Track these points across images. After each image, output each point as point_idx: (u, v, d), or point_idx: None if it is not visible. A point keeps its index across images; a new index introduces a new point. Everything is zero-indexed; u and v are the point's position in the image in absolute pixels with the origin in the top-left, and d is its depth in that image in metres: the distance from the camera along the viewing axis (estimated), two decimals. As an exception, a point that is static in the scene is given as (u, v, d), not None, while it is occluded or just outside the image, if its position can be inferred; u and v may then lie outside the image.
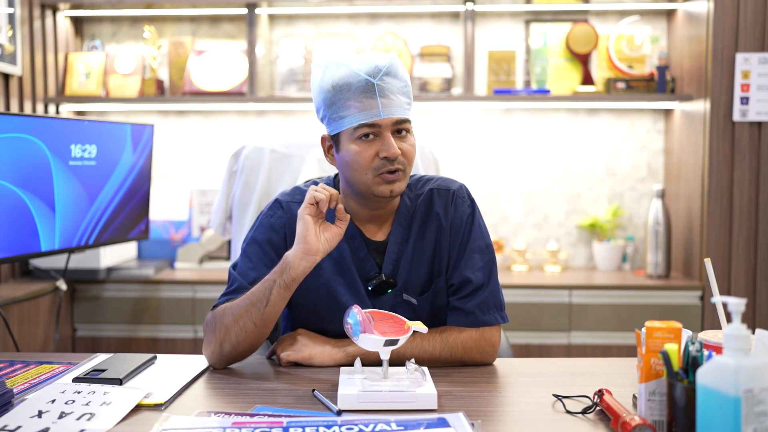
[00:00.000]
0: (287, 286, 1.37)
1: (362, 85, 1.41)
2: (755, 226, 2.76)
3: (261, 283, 1.40)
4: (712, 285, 1.23)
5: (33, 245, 2.15)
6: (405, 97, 1.45)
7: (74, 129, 2.30)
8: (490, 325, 1.49)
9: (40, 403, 1.20)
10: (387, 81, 1.42)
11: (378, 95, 1.41)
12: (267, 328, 1.41)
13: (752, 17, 2.72)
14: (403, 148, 1.43)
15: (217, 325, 1.43)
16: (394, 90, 1.43)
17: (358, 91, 1.41)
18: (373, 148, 1.42)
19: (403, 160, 1.43)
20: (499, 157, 3.27)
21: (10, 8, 2.75)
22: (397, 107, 1.43)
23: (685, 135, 2.98)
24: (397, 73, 1.44)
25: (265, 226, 1.54)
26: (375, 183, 1.44)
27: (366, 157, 1.42)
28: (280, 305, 1.39)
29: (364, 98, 1.41)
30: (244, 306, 1.40)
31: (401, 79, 1.45)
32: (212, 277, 2.90)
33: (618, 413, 1.11)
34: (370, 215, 1.53)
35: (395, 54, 1.48)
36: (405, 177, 1.46)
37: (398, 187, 1.45)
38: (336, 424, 1.10)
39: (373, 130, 1.42)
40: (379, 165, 1.42)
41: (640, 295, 2.81)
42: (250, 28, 3.05)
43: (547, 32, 3.17)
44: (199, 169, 3.33)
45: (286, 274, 1.37)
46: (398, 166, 1.43)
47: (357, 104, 1.41)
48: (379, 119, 1.41)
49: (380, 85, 1.41)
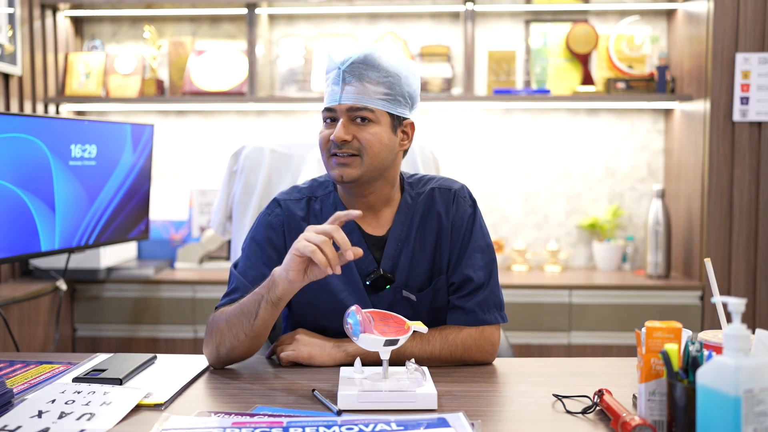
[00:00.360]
0: (274, 304, 1.36)
1: (333, 72, 1.48)
2: (755, 226, 2.76)
3: (252, 294, 1.39)
4: (712, 285, 1.23)
5: (33, 245, 2.15)
6: (383, 87, 1.46)
7: (74, 129, 2.30)
8: (490, 324, 1.50)
9: (40, 403, 1.20)
10: (357, 69, 1.45)
11: (342, 81, 1.46)
12: (258, 339, 1.41)
13: (752, 17, 2.72)
14: (359, 136, 1.46)
15: (214, 329, 1.43)
16: (365, 78, 1.45)
17: (331, 78, 1.49)
18: (330, 131, 1.48)
19: (357, 146, 1.46)
20: (499, 157, 3.27)
21: (10, 8, 2.75)
22: (360, 95, 1.45)
23: (685, 135, 2.98)
24: (373, 62, 1.45)
25: (264, 224, 1.54)
26: (330, 165, 1.49)
27: (323, 137, 1.49)
28: (270, 321, 1.38)
29: (333, 84, 1.48)
30: (236, 314, 1.40)
31: (379, 69, 1.46)
32: (212, 277, 2.90)
33: (618, 413, 1.11)
34: (363, 204, 1.54)
35: (388, 46, 1.51)
36: (361, 165, 1.47)
37: (347, 172, 1.46)
38: (336, 424, 1.10)
39: (331, 115, 1.48)
40: (330, 147, 1.47)
41: (640, 295, 2.81)
42: (250, 28, 3.05)
43: (547, 32, 3.17)
44: (199, 169, 3.33)
45: (272, 292, 1.35)
46: (346, 150, 1.46)
47: (328, 89, 1.49)
48: (335, 104, 1.46)
49: (345, 72, 1.45)
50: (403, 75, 1.48)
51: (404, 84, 1.49)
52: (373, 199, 1.54)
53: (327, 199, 1.57)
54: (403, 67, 1.49)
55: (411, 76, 1.51)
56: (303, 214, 1.55)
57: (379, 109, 1.46)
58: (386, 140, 1.48)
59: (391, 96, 1.47)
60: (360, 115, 1.45)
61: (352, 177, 1.46)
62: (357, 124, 1.46)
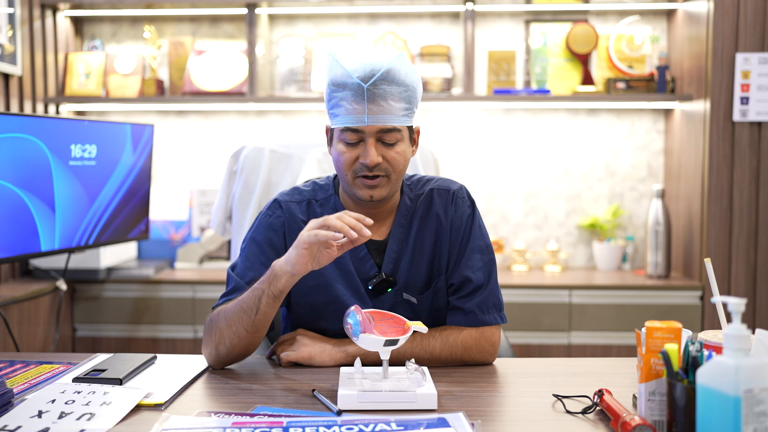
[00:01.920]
0: (275, 297, 1.36)
1: (354, 89, 1.40)
2: (755, 226, 2.76)
3: (251, 290, 1.39)
4: (712, 285, 1.23)
5: (33, 245, 2.15)
6: (403, 102, 1.43)
7: (74, 129, 2.30)
8: (490, 324, 1.50)
9: (40, 403, 1.20)
10: (381, 87, 1.39)
11: (366, 101, 1.39)
12: (259, 333, 1.41)
13: (752, 17, 2.72)
14: (387, 156, 1.43)
15: (213, 328, 1.43)
16: (389, 96, 1.40)
17: (350, 94, 1.40)
18: (356, 152, 1.43)
19: (386, 167, 1.43)
20: (499, 157, 3.27)
21: (10, 8, 2.75)
22: (387, 114, 1.40)
23: (685, 135, 2.98)
24: (395, 78, 1.40)
25: (264, 225, 1.54)
26: (355, 186, 1.45)
27: (347, 159, 1.44)
28: (271, 314, 1.39)
29: (354, 102, 1.40)
30: (235, 312, 1.40)
31: (400, 84, 1.41)
32: (212, 277, 2.90)
33: (618, 413, 1.11)
34: (367, 214, 1.52)
35: (401, 55, 1.43)
36: (388, 183, 1.45)
37: (378, 193, 1.45)
38: (336, 424, 1.10)
39: (357, 136, 1.42)
40: (358, 169, 1.43)
41: (640, 295, 2.81)
42: (250, 28, 3.05)
43: (547, 32, 3.17)
44: (199, 169, 3.33)
45: (274, 286, 1.36)
46: (377, 173, 1.43)
47: (347, 106, 1.41)
48: (363, 125, 1.40)
49: (371, 90, 1.39)
50: (417, 86, 1.47)
51: (418, 95, 1.47)
52: (379, 210, 1.53)
53: (327, 202, 1.56)
54: (417, 78, 1.46)
55: (420, 85, 1.49)
56: (304, 217, 1.54)
57: (403, 126, 1.45)
58: (408, 155, 1.48)
59: (410, 109, 1.46)
60: (388, 135, 1.42)
61: (382, 196, 1.46)
62: (383, 144, 1.43)
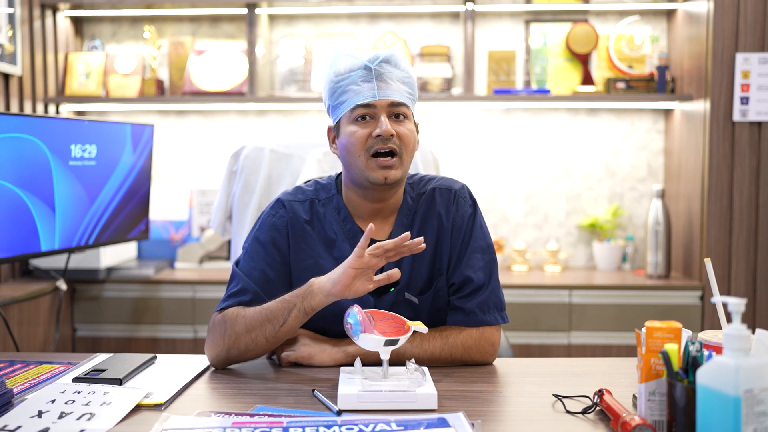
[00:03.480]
0: (306, 312, 1.38)
1: (361, 71, 1.46)
2: (755, 226, 2.76)
3: (280, 301, 1.40)
4: (712, 285, 1.23)
5: (33, 245, 2.15)
6: (406, 86, 1.49)
7: (74, 129, 2.30)
8: (491, 324, 1.49)
9: (40, 403, 1.20)
10: (385, 67, 1.46)
11: (375, 79, 1.45)
12: (278, 343, 1.43)
13: (752, 17, 2.72)
14: (399, 131, 1.45)
15: (227, 331, 1.43)
16: (393, 77, 1.46)
17: (357, 77, 1.45)
18: (368, 129, 1.45)
19: (398, 142, 1.45)
20: (499, 157, 3.27)
21: (10, 8, 2.75)
22: (395, 91, 1.46)
23: (685, 135, 2.98)
24: (397, 63, 1.48)
25: (268, 225, 1.53)
26: (369, 168, 1.45)
27: (360, 136, 1.45)
28: (296, 328, 1.41)
29: (363, 82, 1.45)
30: (258, 320, 1.40)
31: (402, 70, 1.48)
32: (212, 277, 2.90)
33: (618, 413, 1.11)
34: (372, 210, 1.53)
35: (399, 48, 1.52)
36: (401, 165, 1.46)
37: (392, 174, 1.45)
38: (336, 424, 1.10)
39: (369, 111, 1.45)
40: (372, 144, 1.44)
41: (640, 295, 2.81)
42: (250, 28, 3.05)
43: (547, 32, 3.17)
44: (199, 169, 3.33)
45: (307, 302, 1.37)
46: (392, 146, 1.44)
47: (355, 87, 1.45)
48: (375, 100, 1.44)
49: (377, 69, 1.46)
50: (415, 78, 1.53)
51: (416, 87, 1.53)
52: (384, 205, 1.53)
53: (330, 202, 1.55)
54: (414, 72, 1.53)
55: (416, 80, 1.55)
56: (307, 216, 1.54)
57: (409, 107, 1.49)
58: (416, 137, 1.51)
59: (412, 95, 1.51)
60: (398, 110, 1.46)
61: (396, 177, 1.46)
62: (393, 120, 1.46)
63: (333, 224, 1.53)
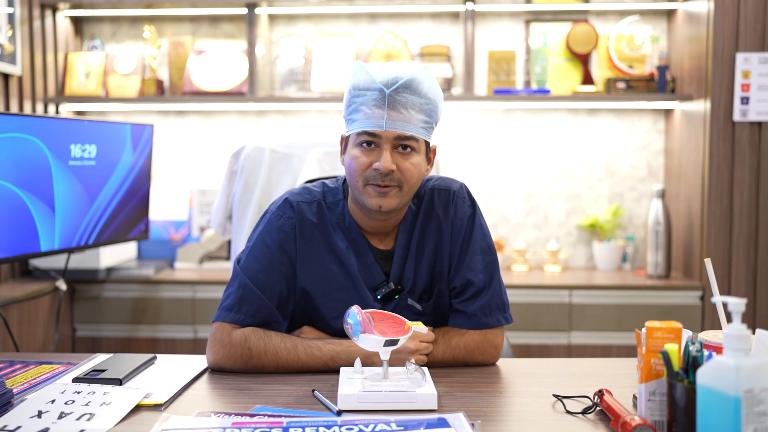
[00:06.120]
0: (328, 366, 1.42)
1: (376, 93, 1.39)
2: (755, 226, 2.76)
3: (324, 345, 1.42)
4: (712, 285, 1.23)
5: (33, 245, 2.15)
6: (423, 115, 1.41)
7: (74, 129, 2.30)
8: (493, 327, 1.49)
9: (40, 403, 1.20)
10: (402, 94, 1.38)
11: (387, 106, 1.38)
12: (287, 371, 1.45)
13: (752, 17, 2.72)
14: (401, 166, 1.41)
15: (253, 360, 1.42)
16: (409, 105, 1.39)
17: (370, 99, 1.39)
18: (370, 158, 1.41)
19: (398, 177, 1.41)
20: (499, 157, 3.27)
21: (10, 8, 2.75)
22: (406, 123, 1.39)
23: (685, 135, 2.98)
24: (417, 89, 1.40)
25: (275, 227, 1.50)
26: (366, 193, 1.43)
27: (360, 163, 1.41)
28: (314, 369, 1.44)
29: (374, 106, 1.39)
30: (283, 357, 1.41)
31: (422, 96, 1.40)
32: (212, 277, 2.90)
33: (618, 413, 1.11)
34: (375, 226, 1.51)
35: (426, 69, 1.43)
36: (399, 194, 1.42)
37: (387, 203, 1.42)
38: (336, 424, 1.10)
39: (374, 140, 1.40)
40: (370, 176, 1.41)
41: (640, 295, 2.81)
42: (250, 28, 3.05)
43: (547, 32, 3.17)
44: (199, 169, 3.33)
45: (333, 361, 1.41)
46: (389, 183, 1.40)
47: (366, 111, 1.40)
48: (381, 130, 1.39)
49: (392, 96, 1.38)
50: (439, 102, 1.45)
51: (438, 111, 1.46)
52: (386, 223, 1.51)
53: (336, 207, 1.53)
54: (439, 94, 1.45)
55: (441, 102, 1.47)
56: (315, 219, 1.51)
57: (421, 138, 1.43)
58: (422, 170, 1.45)
59: (429, 124, 1.44)
60: (405, 143, 1.41)
61: (391, 207, 1.43)
62: (399, 152, 1.41)
63: (338, 231, 1.52)
